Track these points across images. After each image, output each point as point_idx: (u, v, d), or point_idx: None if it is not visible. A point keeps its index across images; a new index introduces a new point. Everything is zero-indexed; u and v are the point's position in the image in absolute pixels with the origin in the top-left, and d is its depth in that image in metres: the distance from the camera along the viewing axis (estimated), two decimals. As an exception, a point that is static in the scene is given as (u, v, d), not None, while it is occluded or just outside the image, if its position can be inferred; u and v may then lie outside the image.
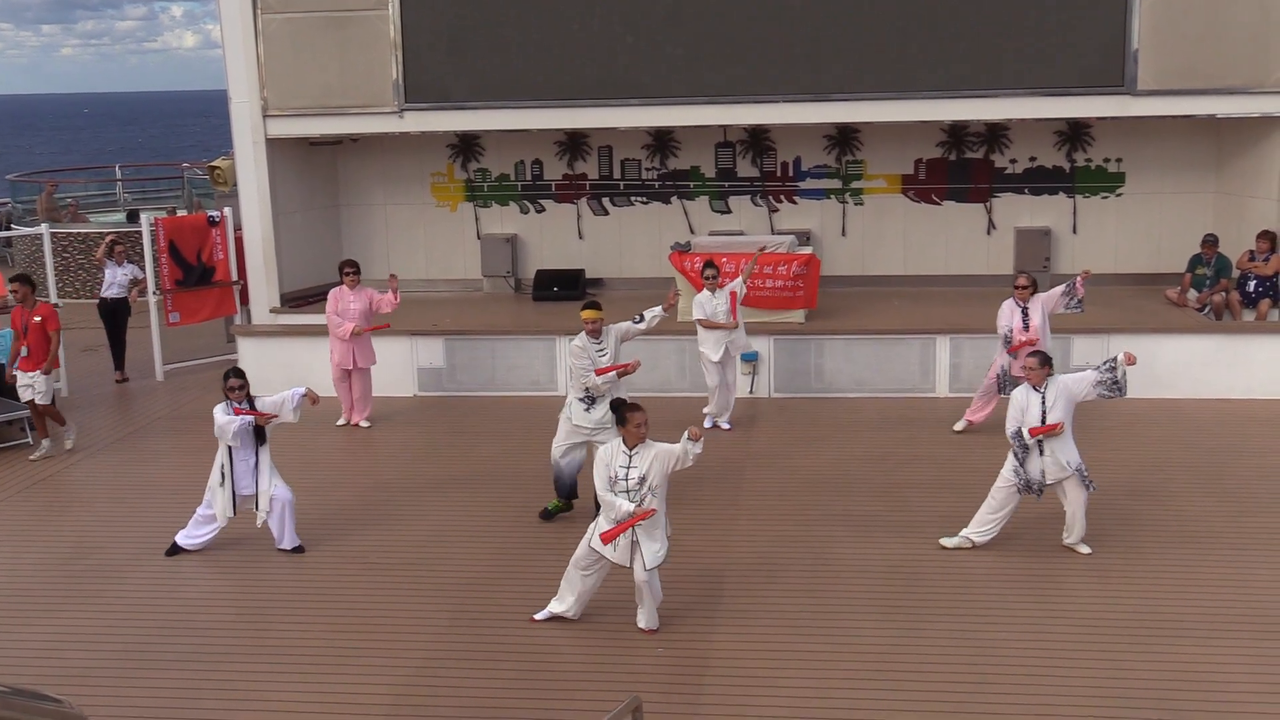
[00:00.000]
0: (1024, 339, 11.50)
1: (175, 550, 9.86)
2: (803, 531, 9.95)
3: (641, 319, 10.63)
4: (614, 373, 10.23)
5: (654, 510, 7.94)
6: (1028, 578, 8.92)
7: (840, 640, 8.06)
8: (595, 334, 10.34)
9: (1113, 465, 11.31)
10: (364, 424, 13.40)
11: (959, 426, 12.52)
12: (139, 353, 16.14)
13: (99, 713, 7.20)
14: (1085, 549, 9.27)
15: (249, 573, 9.51)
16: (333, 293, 13.25)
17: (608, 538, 8.00)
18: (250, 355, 14.81)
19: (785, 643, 8.04)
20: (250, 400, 9.66)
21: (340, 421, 13.40)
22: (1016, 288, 11.89)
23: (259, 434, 9.65)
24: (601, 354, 10.34)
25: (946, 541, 9.49)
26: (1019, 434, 9.20)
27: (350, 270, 13.23)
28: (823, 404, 13.76)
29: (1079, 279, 11.91)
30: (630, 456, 7.95)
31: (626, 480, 7.89)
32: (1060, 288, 11.90)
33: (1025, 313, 11.76)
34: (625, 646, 8.07)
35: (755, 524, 10.18)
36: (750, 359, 13.96)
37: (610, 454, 8.04)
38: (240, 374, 9.70)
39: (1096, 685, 7.37)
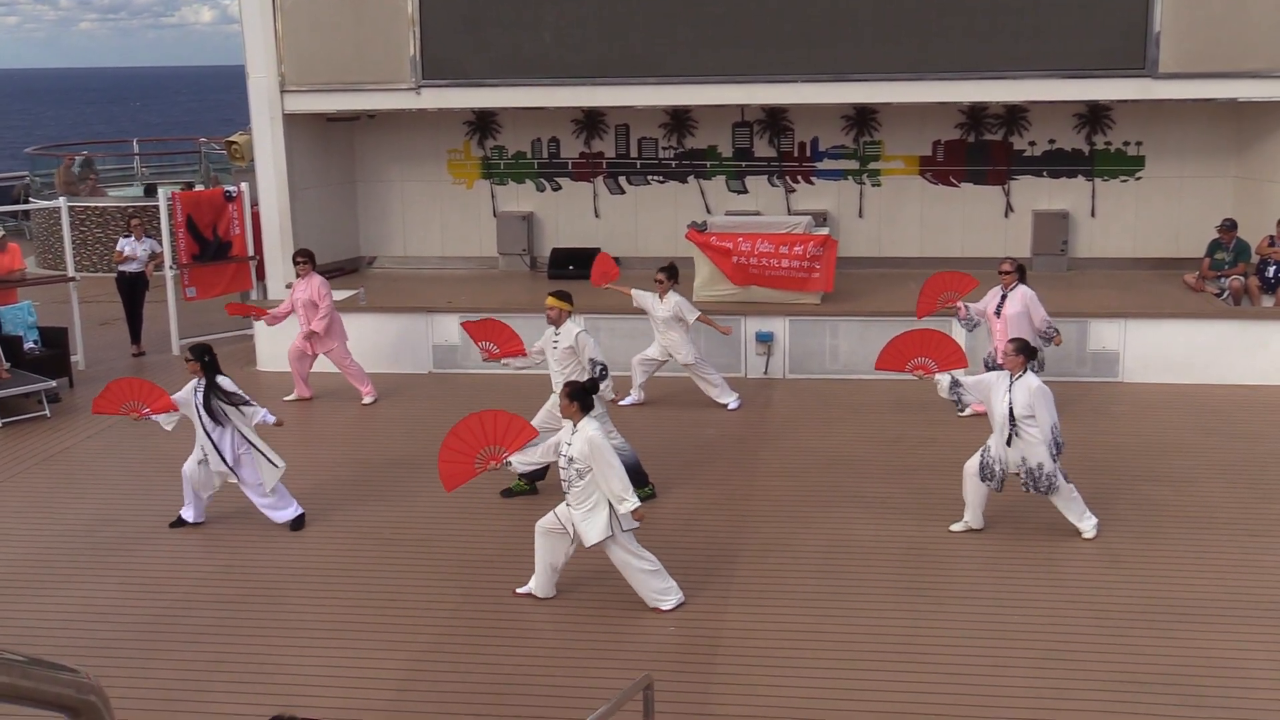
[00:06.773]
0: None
1: (181, 522, 9.95)
2: (817, 512, 9.96)
3: (600, 374, 10.15)
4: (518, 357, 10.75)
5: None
6: (1042, 561, 8.92)
7: (853, 620, 8.07)
8: (552, 322, 10.40)
9: (1128, 450, 11.29)
10: (367, 400, 13.38)
11: (966, 411, 12.48)
12: (156, 327, 16.21)
13: (118, 684, 7.25)
14: (1089, 534, 9.22)
15: (265, 547, 9.57)
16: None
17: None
18: (265, 330, 14.83)
19: (798, 622, 8.06)
20: (213, 382, 9.60)
21: (289, 397, 13.30)
22: (1001, 272, 11.89)
23: (209, 409, 9.61)
24: (555, 346, 10.43)
25: (955, 527, 9.51)
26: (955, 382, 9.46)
27: (300, 259, 13.23)
28: (837, 385, 13.74)
29: (1057, 336, 11.90)
30: (573, 434, 8.09)
31: (565, 456, 8.06)
32: (1048, 319, 11.81)
33: (1004, 299, 11.73)
34: (637, 625, 8.10)
35: (769, 504, 10.19)
36: (765, 340, 13.95)
37: (567, 429, 8.22)
38: (196, 352, 9.69)
39: (1112, 669, 7.37)
